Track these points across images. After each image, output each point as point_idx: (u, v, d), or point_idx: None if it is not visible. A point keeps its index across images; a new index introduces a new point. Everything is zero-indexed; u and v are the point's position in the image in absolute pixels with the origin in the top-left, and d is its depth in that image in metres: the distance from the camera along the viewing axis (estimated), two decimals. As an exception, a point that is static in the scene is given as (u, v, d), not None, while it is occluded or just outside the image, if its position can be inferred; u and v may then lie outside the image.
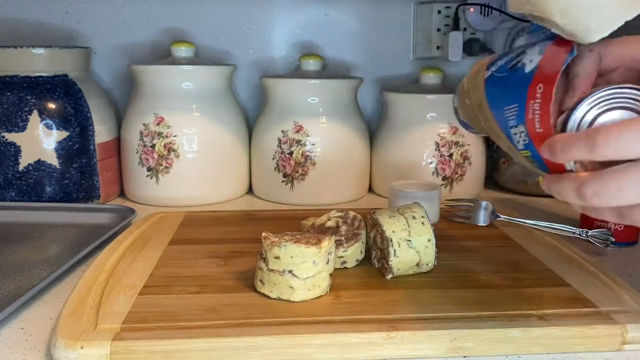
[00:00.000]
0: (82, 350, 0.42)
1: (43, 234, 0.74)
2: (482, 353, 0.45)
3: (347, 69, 1.05)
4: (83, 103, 0.84)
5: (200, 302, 0.50)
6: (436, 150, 0.89)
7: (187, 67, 0.87)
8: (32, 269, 0.62)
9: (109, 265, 0.58)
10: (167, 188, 0.87)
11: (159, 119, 0.85)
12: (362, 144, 0.92)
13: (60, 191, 0.83)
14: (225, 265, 0.59)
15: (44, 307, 0.53)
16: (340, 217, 0.61)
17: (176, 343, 0.43)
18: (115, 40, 1.00)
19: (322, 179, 0.88)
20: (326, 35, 1.03)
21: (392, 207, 0.59)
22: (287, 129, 0.87)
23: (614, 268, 0.63)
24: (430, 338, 0.45)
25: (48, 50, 0.82)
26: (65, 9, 0.98)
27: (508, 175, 0.98)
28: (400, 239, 0.55)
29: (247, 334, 0.44)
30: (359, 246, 0.59)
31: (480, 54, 1.02)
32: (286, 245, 0.50)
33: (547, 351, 0.45)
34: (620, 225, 0.70)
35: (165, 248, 0.64)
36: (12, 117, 0.80)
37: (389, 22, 1.04)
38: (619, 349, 0.46)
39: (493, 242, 0.68)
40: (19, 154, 0.81)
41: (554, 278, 0.56)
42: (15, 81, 0.81)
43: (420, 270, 0.57)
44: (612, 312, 0.48)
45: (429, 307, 0.49)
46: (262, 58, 1.03)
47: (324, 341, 0.44)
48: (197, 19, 1.00)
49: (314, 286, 0.50)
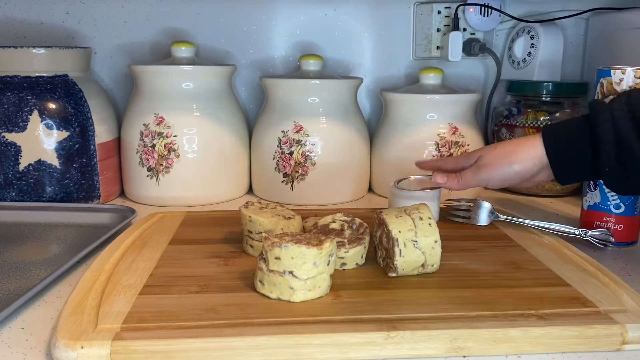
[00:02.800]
0: (82, 350, 0.42)
1: (43, 234, 0.74)
2: (482, 353, 0.45)
3: (347, 69, 1.05)
4: (83, 103, 0.84)
5: (200, 302, 0.50)
6: (436, 150, 0.89)
7: (187, 67, 0.87)
8: (32, 269, 0.62)
9: (109, 265, 0.58)
10: (167, 188, 0.87)
11: (159, 119, 0.85)
12: (362, 144, 0.93)
13: (61, 191, 0.83)
14: (225, 265, 0.59)
15: (44, 307, 0.53)
16: (346, 222, 0.61)
17: (176, 343, 0.43)
18: (115, 40, 1.00)
19: (322, 179, 0.88)
20: (326, 35, 1.03)
21: (398, 208, 0.59)
22: (287, 129, 0.87)
23: (614, 268, 0.63)
24: (430, 338, 0.45)
25: (48, 50, 0.82)
26: (66, 9, 0.98)
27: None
28: (407, 239, 0.55)
29: (247, 334, 0.44)
30: (360, 250, 0.59)
31: (480, 54, 1.02)
32: (287, 245, 0.50)
33: (547, 351, 0.45)
34: (620, 225, 0.70)
35: (165, 248, 0.64)
36: (13, 117, 0.80)
37: (389, 22, 1.04)
38: (619, 349, 0.46)
39: (493, 242, 0.68)
40: (19, 154, 0.81)
41: (554, 278, 0.56)
42: (16, 81, 0.81)
43: (425, 271, 0.57)
44: (611, 312, 0.48)
45: (429, 307, 0.49)
46: (262, 58, 1.03)
47: (323, 341, 0.44)
48: (197, 19, 1.01)
49: (314, 287, 0.50)
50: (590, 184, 0.72)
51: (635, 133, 0.57)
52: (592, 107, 0.62)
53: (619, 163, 0.59)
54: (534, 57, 0.99)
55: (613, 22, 0.96)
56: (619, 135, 0.58)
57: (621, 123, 0.58)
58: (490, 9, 0.99)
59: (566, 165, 0.64)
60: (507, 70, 1.04)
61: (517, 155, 0.65)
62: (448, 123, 0.89)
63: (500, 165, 0.66)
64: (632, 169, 0.59)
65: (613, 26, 0.96)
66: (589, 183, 0.72)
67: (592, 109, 0.62)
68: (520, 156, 0.65)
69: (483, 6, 0.99)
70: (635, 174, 0.59)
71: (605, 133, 0.59)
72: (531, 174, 0.65)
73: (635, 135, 0.57)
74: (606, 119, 0.59)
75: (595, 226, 0.71)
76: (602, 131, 0.59)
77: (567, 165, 0.64)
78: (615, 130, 0.59)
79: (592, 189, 0.71)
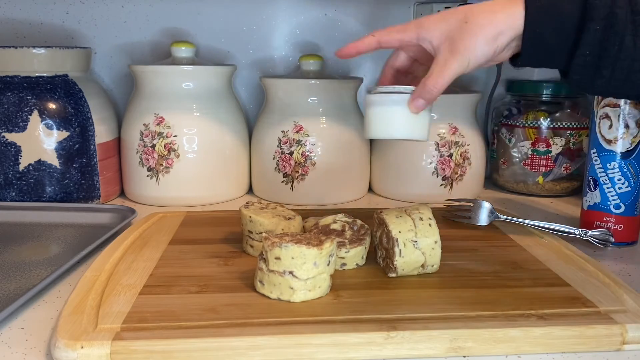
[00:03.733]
0: (82, 350, 0.42)
1: (43, 234, 0.74)
2: (482, 353, 0.45)
3: (347, 69, 1.05)
4: (83, 103, 0.84)
5: (200, 302, 0.50)
6: (436, 150, 0.89)
7: (187, 67, 0.87)
8: (32, 269, 0.62)
9: (109, 265, 0.58)
10: (167, 188, 0.87)
11: (159, 119, 0.85)
12: (362, 144, 0.93)
13: (61, 191, 0.83)
14: (225, 265, 0.59)
15: (44, 307, 0.53)
16: (347, 223, 0.61)
17: (176, 343, 0.43)
18: (115, 40, 1.00)
19: (322, 179, 0.88)
20: (326, 35, 1.03)
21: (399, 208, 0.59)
22: (287, 129, 0.87)
23: (614, 268, 0.63)
24: (430, 338, 0.45)
25: (48, 50, 0.82)
26: (66, 9, 0.98)
27: (508, 175, 0.99)
28: (407, 239, 0.55)
29: (247, 334, 0.44)
30: (361, 250, 0.59)
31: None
32: (287, 245, 0.50)
33: (547, 351, 0.45)
34: (621, 225, 0.70)
35: (166, 248, 0.64)
36: (13, 117, 0.80)
37: (389, 22, 1.04)
38: (619, 349, 0.46)
39: (493, 242, 0.68)
40: (19, 154, 0.81)
41: (554, 278, 0.56)
42: (16, 81, 0.81)
43: (425, 271, 0.57)
44: (611, 312, 0.48)
45: (429, 307, 0.49)
46: (262, 58, 1.03)
47: (323, 341, 0.44)
48: (197, 19, 1.01)
49: (314, 287, 0.50)
50: (590, 184, 0.72)
51: (631, 19, 0.50)
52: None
53: (605, 49, 0.51)
54: (534, 57, 0.99)
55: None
56: (613, 18, 0.50)
57: (619, 11, 0.50)
58: (490, 9, 0.99)
59: (543, 41, 0.53)
60: (507, 70, 1.04)
61: (498, 25, 0.53)
62: (448, 123, 0.89)
63: (476, 47, 0.54)
64: (619, 58, 0.50)
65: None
66: (589, 183, 0.72)
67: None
68: (501, 27, 0.53)
69: (483, 6, 0.98)
70: (619, 67, 0.51)
71: (599, 10, 0.50)
72: (504, 50, 0.55)
73: (632, 20, 0.50)
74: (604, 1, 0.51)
75: (595, 226, 0.71)
76: (594, 8, 0.50)
77: (544, 41, 0.53)
78: (610, 12, 0.50)
79: (592, 189, 0.71)
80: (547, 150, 0.94)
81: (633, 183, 0.69)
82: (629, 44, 0.50)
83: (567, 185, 0.96)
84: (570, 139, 0.93)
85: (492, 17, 0.53)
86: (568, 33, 0.52)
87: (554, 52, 0.54)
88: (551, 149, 0.94)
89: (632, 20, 0.50)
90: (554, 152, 0.94)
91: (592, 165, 0.71)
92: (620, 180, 0.69)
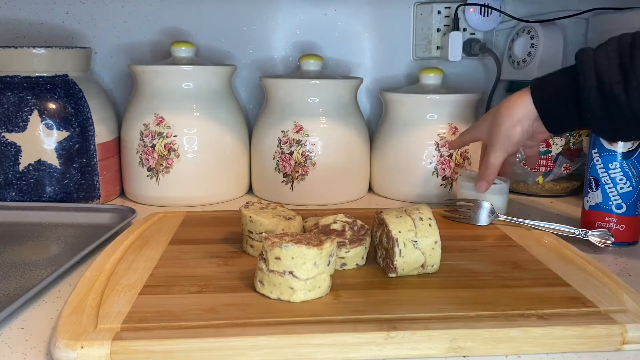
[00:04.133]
0: (82, 350, 0.42)
1: (43, 234, 0.74)
2: (481, 353, 0.45)
3: (347, 69, 1.05)
4: (83, 103, 0.84)
5: (200, 302, 0.50)
6: (436, 150, 0.89)
7: (187, 67, 0.87)
8: (32, 269, 0.62)
9: (109, 265, 0.58)
10: (167, 188, 0.87)
11: (159, 119, 0.85)
12: (362, 144, 0.93)
13: (61, 191, 0.83)
14: (225, 265, 0.59)
15: (44, 307, 0.53)
16: (347, 223, 0.61)
17: (176, 343, 0.43)
18: (115, 40, 1.00)
19: (322, 179, 0.88)
20: (326, 35, 1.03)
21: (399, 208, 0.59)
22: (287, 129, 0.87)
23: (614, 268, 0.63)
24: (430, 338, 0.45)
25: (48, 50, 0.82)
26: (66, 9, 0.98)
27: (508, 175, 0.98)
28: (406, 239, 0.55)
29: (247, 334, 0.44)
30: (361, 250, 0.59)
31: (480, 54, 1.02)
32: (287, 245, 0.50)
33: (547, 351, 0.45)
34: (622, 225, 0.70)
35: (166, 248, 0.64)
36: (13, 117, 0.80)
37: (389, 22, 1.04)
38: (619, 349, 0.46)
39: (493, 242, 0.68)
40: (19, 154, 0.81)
41: (554, 278, 0.56)
42: (16, 81, 0.81)
43: (425, 271, 0.57)
44: (611, 312, 0.48)
45: (429, 307, 0.49)
46: (262, 58, 1.03)
47: (323, 341, 0.44)
48: (197, 19, 1.01)
49: (314, 287, 0.50)
50: (591, 184, 0.72)
51: (619, 77, 0.57)
52: (577, 55, 0.62)
53: (603, 109, 0.59)
54: (534, 57, 0.99)
55: (613, 22, 0.96)
56: (600, 81, 0.58)
57: (603, 70, 0.58)
58: (490, 9, 0.99)
59: (555, 115, 0.65)
60: (507, 70, 1.04)
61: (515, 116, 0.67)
62: (448, 123, 0.89)
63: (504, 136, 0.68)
64: (617, 114, 0.58)
65: (613, 26, 0.96)
66: (590, 183, 0.72)
67: (577, 57, 0.62)
68: (518, 116, 0.66)
69: (483, 6, 0.99)
70: (620, 119, 0.59)
71: (587, 80, 0.59)
72: (530, 130, 0.67)
73: (619, 79, 0.57)
74: (589, 67, 0.59)
75: (596, 226, 0.71)
76: (584, 78, 0.59)
77: (555, 115, 0.65)
78: (597, 76, 0.58)
79: (594, 189, 0.71)
80: (547, 150, 0.94)
81: (635, 183, 0.69)
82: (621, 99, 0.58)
83: (567, 185, 0.96)
84: (570, 139, 0.93)
85: (509, 112, 0.67)
86: (569, 103, 0.62)
87: (567, 121, 0.65)
88: (551, 149, 0.94)
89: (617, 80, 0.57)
90: (554, 152, 0.94)
91: (594, 165, 0.71)
92: (622, 180, 0.69)
